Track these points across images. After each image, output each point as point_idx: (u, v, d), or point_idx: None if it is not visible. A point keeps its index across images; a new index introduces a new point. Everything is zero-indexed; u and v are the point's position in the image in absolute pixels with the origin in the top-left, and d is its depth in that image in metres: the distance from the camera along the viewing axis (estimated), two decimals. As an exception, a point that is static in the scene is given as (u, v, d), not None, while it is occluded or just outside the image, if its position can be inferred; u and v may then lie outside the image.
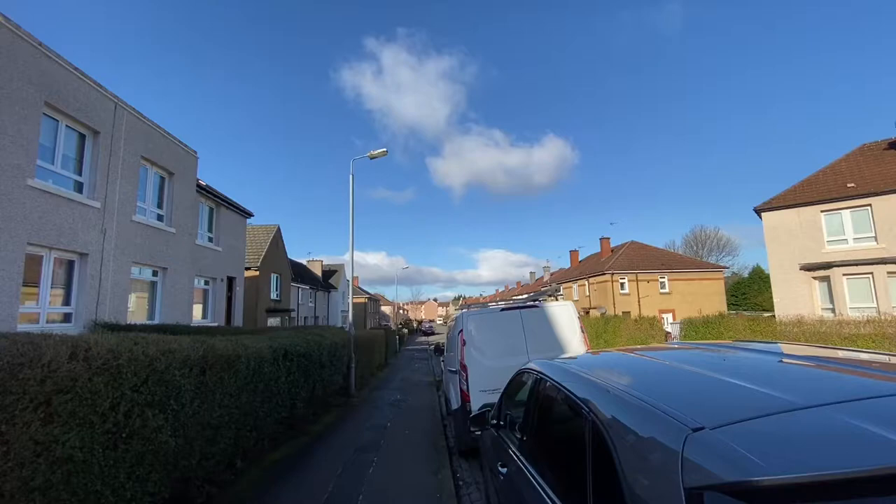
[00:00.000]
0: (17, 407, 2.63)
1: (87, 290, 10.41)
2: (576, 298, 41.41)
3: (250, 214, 20.12)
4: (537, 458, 2.73)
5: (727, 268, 45.34)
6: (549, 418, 2.83)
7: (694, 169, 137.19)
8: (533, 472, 2.66)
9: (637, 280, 36.01)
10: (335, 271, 47.05)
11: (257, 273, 23.33)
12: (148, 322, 12.46)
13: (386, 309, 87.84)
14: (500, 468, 3.44)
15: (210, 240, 17.23)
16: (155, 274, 13.21)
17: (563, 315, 7.46)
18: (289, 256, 30.41)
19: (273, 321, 25.54)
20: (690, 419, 1.44)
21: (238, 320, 18.82)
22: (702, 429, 1.38)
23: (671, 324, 25.93)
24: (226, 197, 17.83)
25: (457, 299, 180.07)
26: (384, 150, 13.11)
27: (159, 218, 13.42)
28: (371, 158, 13.33)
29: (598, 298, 37.92)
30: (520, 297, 58.07)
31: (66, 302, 10.25)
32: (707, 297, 35.17)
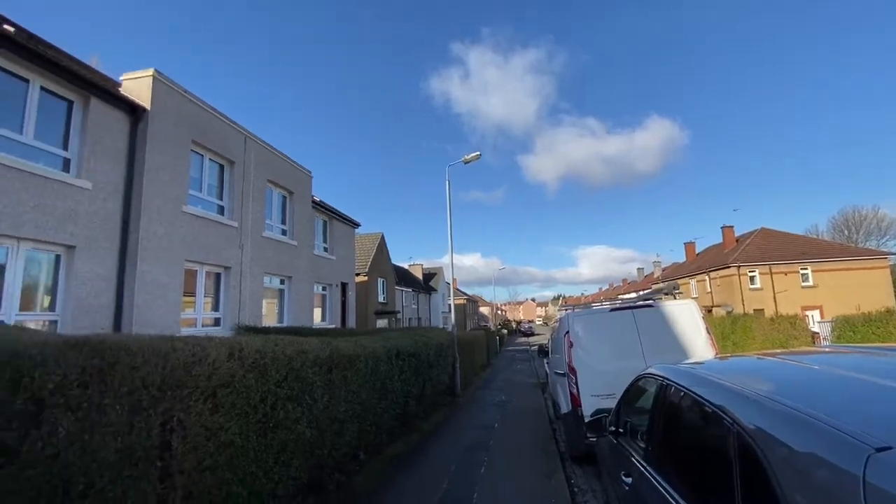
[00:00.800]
0: (192, 398, 3.15)
1: (230, 298, 12.10)
2: (694, 296, 37.46)
3: (358, 224, 21.73)
4: (666, 468, 2.56)
5: (892, 254, 37.24)
6: (679, 428, 2.65)
7: (840, 133, 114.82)
8: (663, 483, 2.49)
9: (771, 273, 31.40)
10: (434, 274, 48.65)
11: (366, 278, 25.09)
12: (278, 325, 14.10)
13: (484, 310, 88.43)
14: (623, 477, 3.26)
15: (325, 250, 18.95)
16: (282, 282, 14.91)
17: (684, 314, 6.80)
18: (392, 262, 32.21)
19: (381, 322, 27.23)
20: (870, 436, 1.21)
21: (351, 322, 20.41)
22: (888, 448, 1.14)
23: (818, 322, 22.15)
24: (336, 210, 19.49)
25: (556, 299, 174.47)
26: (478, 153, 13.24)
27: (283, 233, 15.12)
28: (465, 163, 13.56)
29: (721, 295, 33.89)
30: (627, 295, 54.24)
31: (216, 308, 12.03)
32: (866, 289, 29.35)
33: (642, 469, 2.89)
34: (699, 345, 6.58)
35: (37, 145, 8.01)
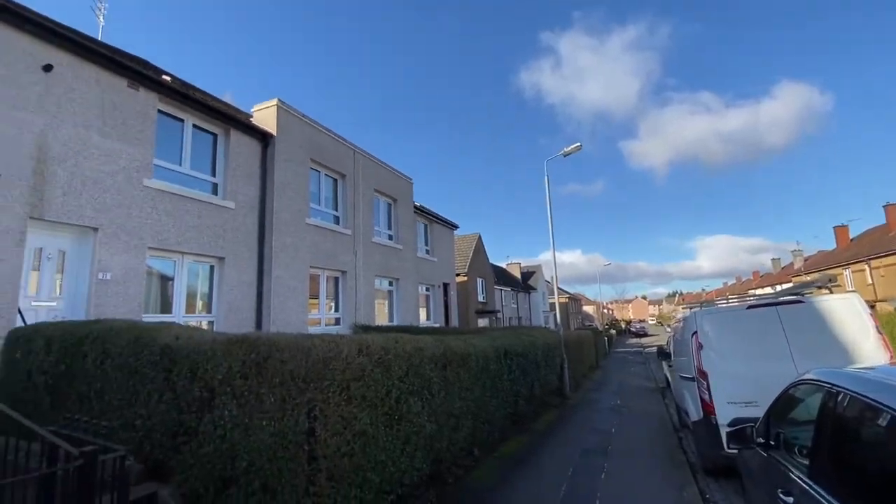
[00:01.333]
0: (330, 390, 3.48)
1: (348, 299, 13.15)
2: (850, 289, 31.53)
3: (456, 226, 22.22)
4: (840, 489, 2.23)
5: None
6: (856, 443, 2.33)
7: None
8: None
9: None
10: (533, 272, 47.71)
11: (465, 278, 25.53)
12: (389, 324, 14.99)
13: (588, 309, 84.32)
14: (782, 496, 2.86)
15: (427, 252, 19.69)
16: (390, 284, 15.82)
17: (845, 311, 5.76)
18: (490, 261, 32.32)
19: (482, 322, 27.46)
20: None
21: (454, 321, 20.92)
22: None
23: None
24: (436, 214, 20.14)
25: (671, 296, 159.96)
26: (578, 144, 12.68)
27: (389, 237, 16.04)
28: (565, 156, 13.08)
29: (888, 287, 28.05)
30: (761, 290, 47.59)
31: (336, 309, 13.16)
32: None
33: (806, 487, 2.59)
34: (867, 347, 5.51)
35: (192, 174, 9.54)
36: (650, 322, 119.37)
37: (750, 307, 6.26)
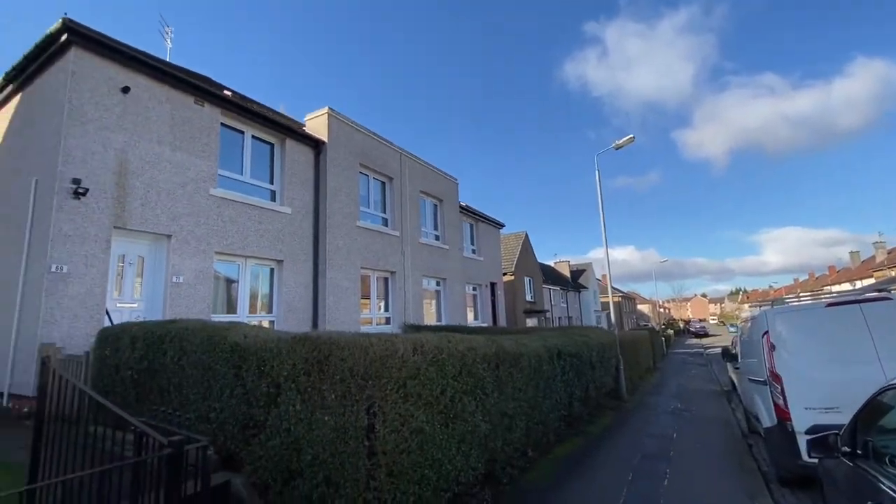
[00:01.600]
0: (387, 388, 3.57)
1: (397, 299, 13.42)
2: (946, 283, 28.10)
3: (502, 225, 22.05)
4: None
5: None
6: None
7: None
8: None
9: None
10: (583, 271, 46.38)
11: (512, 277, 25.27)
12: (437, 323, 15.13)
13: (643, 308, 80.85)
14: None
15: (473, 251, 19.69)
16: (438, 284, 15.96)
17: None
18: (537, 260, 31.78)
19: (531, 322, 27.06)
20: None
21: (502, 321, 20.77)
22: None
23: None
24: (482, 213, 20.09)
25: (734, 294, 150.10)
26: (630, 136, 12.18)
27: (436, 238, 16.19)
28: (616, 149, 12.61)
29: None
30: (838, 286, 43.61)
31: (386, 308, 13.46)
32: None
33: None
34: None
35: (252, 182, 10.11)
36: (711, 321, 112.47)
37: (829, 305, 5.76)
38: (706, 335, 60.24)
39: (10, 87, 8.40)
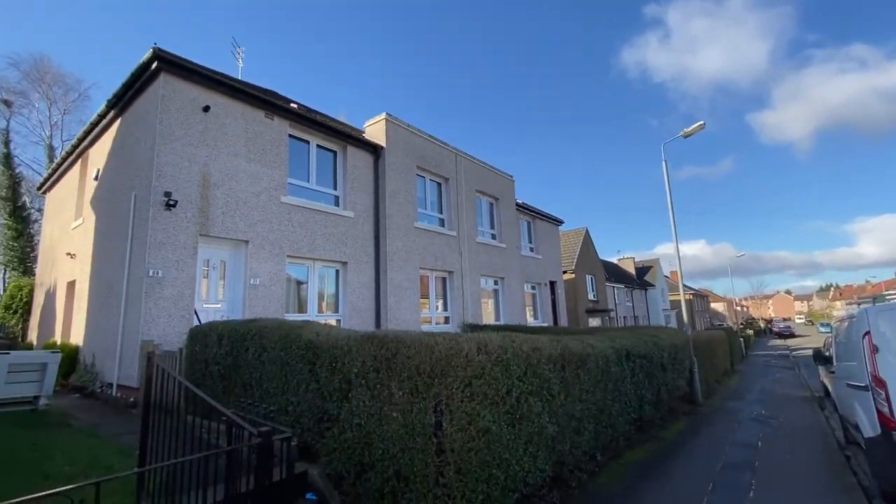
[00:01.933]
0: (453, 386, 3.61)
1: (456, 299, 13.51)
2: None
3: (561, 222, 21.49)
4: None
5: None
6: None
7: None
8: None
9: None
10: (649, 268, 44.02)
11: (573, 275, 24.54)
12: (496, 323, 15.05)
13: (717, 306, 75.27)
14: None
15: (531, 250, 19.36)
16: (496, 283, 15.87)
17: None
18: (599, 257, 30.62)
19: (594, 321, 26.12)
20: None
21: (563, 321, 20.24)
22: None
23: None
24: (538, 210, 19.71)
25: (824, 290, 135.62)
26: (700, 123, 11.36)
27: (493, 237, 16.11)
28: (685, 137, 11.82)
29: None
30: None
31: (445, 308, 13.60)
32: None
33: None
34: None
35: (318, 189, 10.63)
36: (797, 320, 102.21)
37: None
38: (792, 336, 54.79)
39: (111, 113, 9.47)
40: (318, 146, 10.77)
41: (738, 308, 72.57)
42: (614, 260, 42.04)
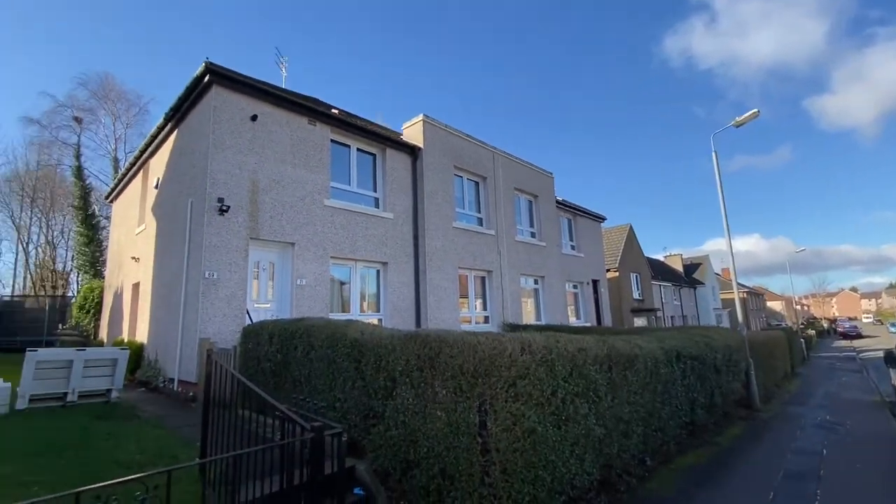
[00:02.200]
0: (497, 386, 3.60)
1: (495, 298, 13.44)
2: None
3: (603, 218, 20.90)
4: None
5: None
6: None
7: None
8: None
9: None
10: (699, 265, 41.99)
11: (617, 273, 23.80)
12: (537, 322, 14.84)
13: (774, 305, 70.75)
14: None
15: (572, 247, 18.95)
16: (536, 282, 15.66)
17: None
18: (644, 254, 29.53)
19: (639, 321, 25.24)
20: None
21: (607, 320, 19.67)
22: None
23: None
24: (579, 206, 19.25)
25: (895, 286, 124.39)
26: (755, 111, 10.69)
27: (532, 235, 15.89)
28: (737, 126, 11.17)
29: None
30: None
31: (484, 307, 13.55)
32: None
33: None
34: None
35: (359, 191, 10.88)
36: (864, 320, 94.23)
37: None
38: (858, 336, 50.59)
39: (168, 126, 10.10)
40: (358, 150, 11.02)
41: (798, 307, 67.83)
42: (660, 257, 40.42)
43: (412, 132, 12.35)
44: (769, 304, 70.40)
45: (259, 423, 4.21)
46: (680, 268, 39.96)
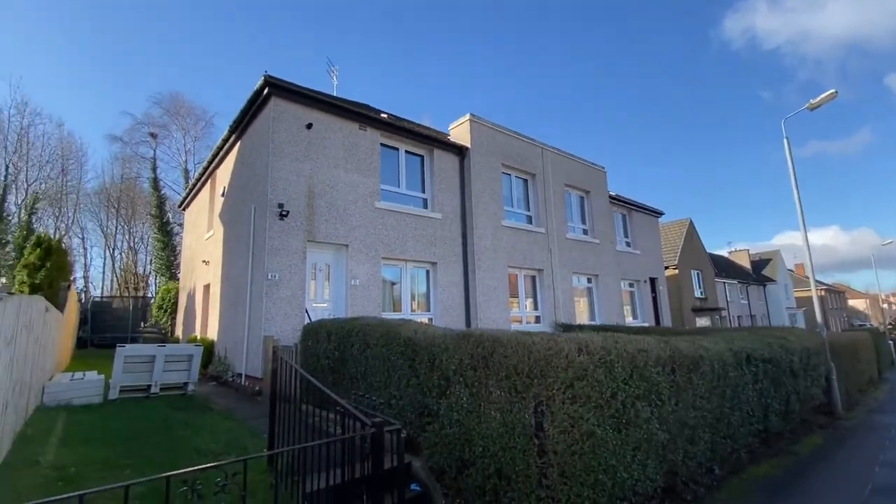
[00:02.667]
0: (554, 387, 3.54)
1: (546, 298, 13.19)
2: None
3: (660, 213, 19.92)
4: None
5: None
6: None
7: None
8: None
9: None
10: (768, 260, 38.95)
11: (676, 271, 22.60)
12: (591, 323, 14.39)
13: (857, 303, 64.22)
14: None
15: (627, 244, 18.22)
16: (589, 281, 15.20)
17: None
18: (706, 250, 27.80)
19: (701, 321, 23.81)
20: None
21: (666, 320, 18.73)
22: None
23: None
24: (635, 201, 18.48)
25: None
26: (831, 92, 9.73)
27: (584, 232, 15.44)
28: (811, 109, 10.22)
29: None
30: None
31: (535, 307, 13.35)
32: None
33: None
34: None
35: (408, 193, 11.07)
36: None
37: None
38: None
39: (232, 137, 10.80)
40: (406, 152, 11.22)
41: (885, 305, 61.06)
42: (724, 253, 37.94)
43: (459, 132, 12.39)
44: (851, 302, 63.90)
45: (319, 417, 4.41)
46: (747, 264, 37.26)
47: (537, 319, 13.21)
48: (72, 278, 17.91)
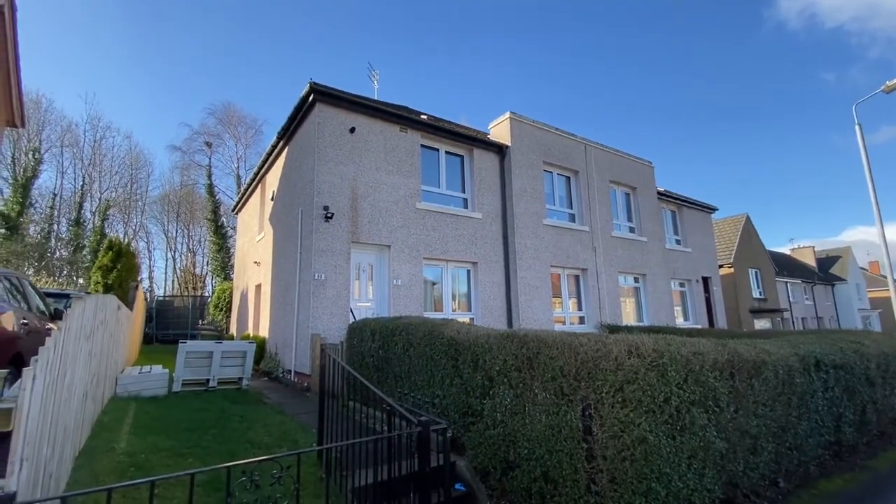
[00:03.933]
0: (602, 390, 3.42)
1: (590, 298, 12.83)
2: None
3: (714, 209, 18.88)
4: None
5: None
6: None
7: None
8: None
9: None
10: (837, 258, 35.96)
11: (732, 270, 21.32)
12: (638, 324, 13.85)
13: (945, 304, 57.71)
14: None
15: (677, 242, 17.40)
16: (636, 280, 14.64)
17: None
18: (765, 247, 26.04)
19: (760, 323, 22.33)
20: None
21: (721, 322, 17.73)
22: None
23: None
24: (685, 197, 17.62)
25: None
26: (912, 70, 8.84)
27: (631, 230, 14.88)
28: (888, 92, 9.30)
29: None
30: None
31: (579, 307, 13.01)
32: None
33: None
34: None
35: (448, 193, 11.10)
36: None
37: None
38: None
39: (280, 143, 11.26)
40: (446, 152, 11.26)
41: (983, 307, 54.52)
42: (786, 250, 35.42)
43: (499, 131, 12.29)
44: (938, 303, 57.69)
45: (364, 413, 4.51)
46: (812, 262, 34.58)
47: (581, 320, 12.87)
48: (139, 279, 19.33)
